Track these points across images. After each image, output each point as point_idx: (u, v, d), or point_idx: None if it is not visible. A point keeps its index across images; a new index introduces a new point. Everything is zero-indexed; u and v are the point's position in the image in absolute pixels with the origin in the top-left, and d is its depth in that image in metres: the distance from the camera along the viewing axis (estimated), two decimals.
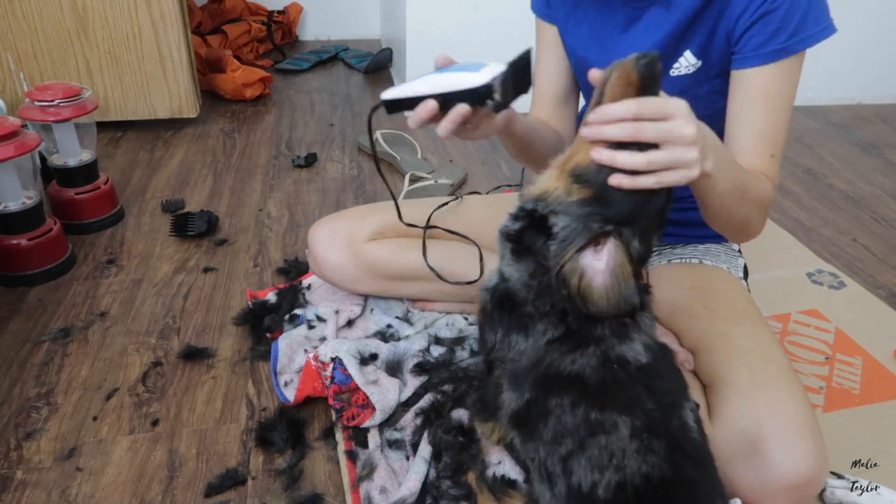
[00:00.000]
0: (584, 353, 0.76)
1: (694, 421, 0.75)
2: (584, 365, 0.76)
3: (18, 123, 1.33)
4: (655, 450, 0.70)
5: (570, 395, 0.75)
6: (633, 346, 0.77)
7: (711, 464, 0.75)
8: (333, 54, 2.97)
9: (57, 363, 1.18)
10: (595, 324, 0.77)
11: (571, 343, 0.77)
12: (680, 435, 0.73)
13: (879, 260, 1.63)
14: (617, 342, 0.77)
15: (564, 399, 0.75)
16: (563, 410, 0.75)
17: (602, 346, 0.76)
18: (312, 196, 1.80)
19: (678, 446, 0.72)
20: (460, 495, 0.93)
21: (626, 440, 0.71)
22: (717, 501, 0.73)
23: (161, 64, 2.02)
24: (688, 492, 0.71)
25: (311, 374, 1.09)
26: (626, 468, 0.70)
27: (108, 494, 0.95)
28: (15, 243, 1.36)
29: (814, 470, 0.83)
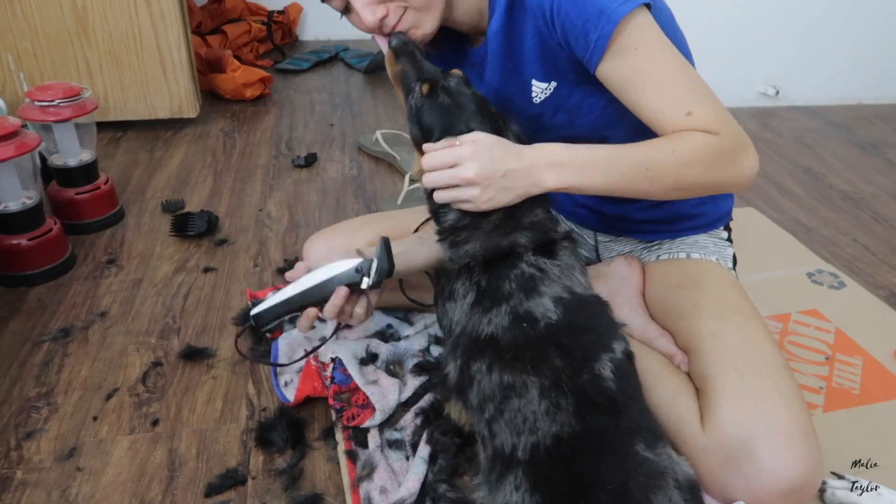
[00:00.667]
0: (498, 313, 0.81)
1: (612, 371, 0.78)
2: (497, 325, 0.80)
3: (18, 123, 1.33)
4: (563, 407, 0.74)
5: (487, 358, 0.79)
6: (542, 301, 0.81)
7: (632, 409, 0.77)
8: (333, 54, 2.97)
9: (57, 363, 1.18)
10: (502, 280, 0.83)
11: (486, 303, 0.82)
12: (590, 388, 0.76)
13: (879, 260, 1.63)
14: (524, 297, 0.81)
15: (482, 363, 0.80)
16: (483, 374, 0.79)
17: (511, 302, 0.81)
18: (312, 196, 1.80)
19: (587, 399, 0.75)
20: (457, 498, 0.93)
21: (536, 401, 0.75)
22: (637, 442, 0.74)
23: (161, 64, 2.02)
24: (598, 441, 0.74)
25: (311, 374, 1.09)
26: (539, 430, 0.74)
27: (108, 494, 0.95)
28: (15, 243, 1.36)
29: (806, 475, 0.82)
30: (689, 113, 0.85)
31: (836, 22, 2.48)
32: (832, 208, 1.87)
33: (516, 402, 0.76)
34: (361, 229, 1.22)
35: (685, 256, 1.11)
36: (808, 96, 2.62)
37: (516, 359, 0.78)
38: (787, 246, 1.66)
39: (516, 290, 0.82)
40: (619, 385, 0.78)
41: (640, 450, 0.74)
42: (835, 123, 2.49)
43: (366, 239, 1.21)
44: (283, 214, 1.70)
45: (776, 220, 1.78)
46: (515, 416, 0.76)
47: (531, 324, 0.79)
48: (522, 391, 0.76)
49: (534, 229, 0.87)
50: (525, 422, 0.75)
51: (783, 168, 2.11)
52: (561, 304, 0.81)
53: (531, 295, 0.81)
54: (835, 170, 2.11)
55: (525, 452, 0.74)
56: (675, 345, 1.02)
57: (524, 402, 0.76)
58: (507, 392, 0.77)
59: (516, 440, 0.75)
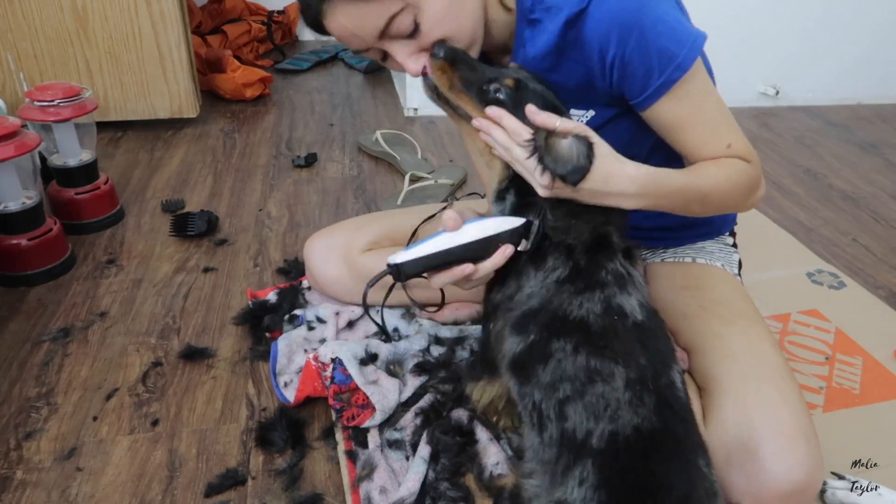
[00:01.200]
0: (591, 298, 0.79)
1: (681, 382, 0.78)
2: (590, 310, 0.79)
3: (18, 123, 1.33)
4: (646, 402, 0.73)
5: (574, 339, 0.78)
6: (630, 300, 0.80)
7: (695, 425, 0.77)
8: (333, 54, 2.97)
9: (57, 363, 1.18)
10: (599, 267, 0.81)
11: (580, 284, 0.81)
12: (668, 392, 0.76)
13: (879, 260, 1.63)
14: (618, 291, 0.80)
15: (567, 343, 0.78)
16: (565, 354, 0.77)
17: (605, 291, 0.80)
18: (312, 196, 1.80)
19: (666, 402, 0.75)
20: (458, 497, 0.93)
21: (621, 391, 0.74)
22: (700, 457, 0.74)
23: (161, 64, 2.02)
24: (673, 444, 0.73)
25: (312, 374, 1.09)
26: (620, 418, 0.73)
27: (108, 494, 0.95)
28: (15, 243, 1.36)
29: (808, 476, 0.82)
30: (729, 145, 0.90)
31: (836, 22, 2.49)
32: (832, 208, 1.87)
33: (601, 387, 0.74)
34: (362, 228, 1.23)
35: (690, 260, 1.11)
36: (808, 96, 2.63)
37: (607, 347, 0.77)
38: (787, 246, 1.66)
39: (612, 281, 0.81)
40: (686, 398, 0.78)
41: (702, 465, 0.74)
42: (835, 123, 2.49)
43: (367, 239, 1.21)
44: (283, 214, 1.70)
45: (776, 220, 1.78)
46: (598, 400, 0.74)
47: (622, 318, 0.79)
48: (609, 378, 0.75)
49: (619, 229, 0.85)
50: (607, 408, 0.73)
51: (783, 168, 2.11)
52: (644, 308, 0.81)
53: (623, 290, 0.81)
54: (835, 170, 2.11)
55: (601, 440, 0.72)
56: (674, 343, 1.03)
57: (609, 388, 0.74)
58: (593, 376, 0.75)
59: (593, 425, 0.73)
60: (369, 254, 1.21)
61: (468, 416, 1.05)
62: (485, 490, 0.95)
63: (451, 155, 2.08)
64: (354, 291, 1.22)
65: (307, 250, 1.25)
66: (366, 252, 1.22)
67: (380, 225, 1.23)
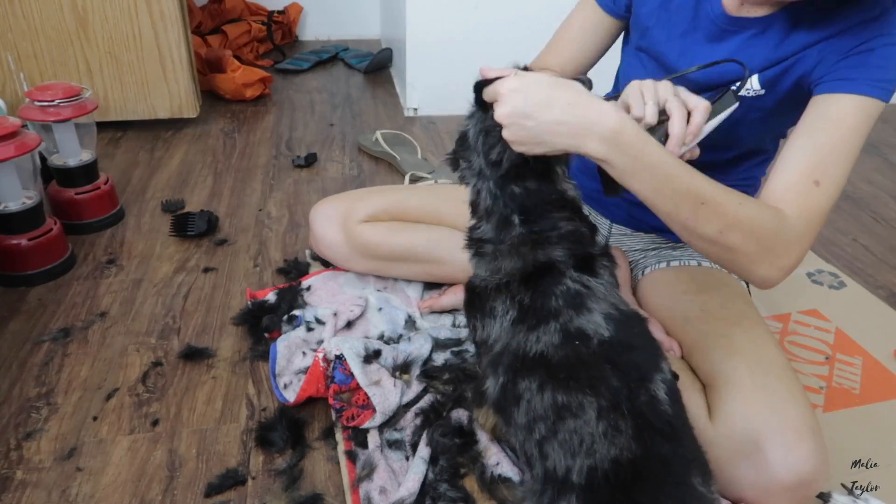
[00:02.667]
0: (546, 330, 0.76)
1: (666, 392, 0.74)
2: (547, 343, 0.76)
3: (18, 123, 1.33)
4: (622, 430, 0.70)
5: (537, 377, 0.76)
6: (592, 317, 0.77)
7: (687, 437, 0.74)
8: (333, 54, 2.97)
9: (57, 363, 1.18)
10: (547, 296, 0.78)
11: (532, 320, 0.78)
12: (649, 411, 0.72)
13: (879, 260, 1.63)
14: (574, 314, 0.77)
15: (532, 382, 0.76)
16: (532, 394, 0.75)
17: (560, 319, 0.76)
18: (312, 196, 1.80)
19: (646, 423, 0.71)
20: (458, 497, 0.93)
21: (594, 422, 0.71)
22: (695, 475, 0.71)
23: (161, 64, 2.02)
24: (659, 468, 0.70)
25: (318, 374, 1.08)
26: (596, 452, 0.70)
27: (108, 494, 0.95)
28: (15, 243, 1.36)
29: (815, 470, 0.83)
30: (818, 182, 0.82)
31: None
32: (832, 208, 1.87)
33: (572, 423, 0.72)
34: (364, 199, 1.29)
35: (696, 264, 1.11)
36: None
37: (571, 378, 0.74)
38: None
39: (564, 306, 0.78)
40: (674, 409, 0.74)
41: (697, 484, 0.71)
42: None
43: (367, 210, 1.25)
44: (283, 214, 1.70)
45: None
46: (571, 436, 0.72)
47: (584, 341, 0.75)
48: (579, 411, 0.72)
49: (568, 242, 0.81)
50: (581, 443, 0.71)
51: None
52: (611, 320, 0.77)
53: (581, 311, 0.77)
54: None
55: (581, 476, 0.71)
56: (664, 332, 1.03)
57: (580, 422, 0.72)
58: (562, 412, 0.73)
59: (571, 462, 0.71)
60: (366, 225, 1.25)
61: (468, 416, 1.05)
62: (486, 491, 0.95)
63: None
64: (349, 257, 1.29)
65: (313, 214, 1.31)
66: (363, 223, 1.26)
67: (383, 198, 1.28)
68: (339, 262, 1.32)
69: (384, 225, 1.26)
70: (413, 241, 1.25)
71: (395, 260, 1.28)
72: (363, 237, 1.25)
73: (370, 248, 1.26)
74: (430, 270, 1.29)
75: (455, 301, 1.30)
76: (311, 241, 1.34)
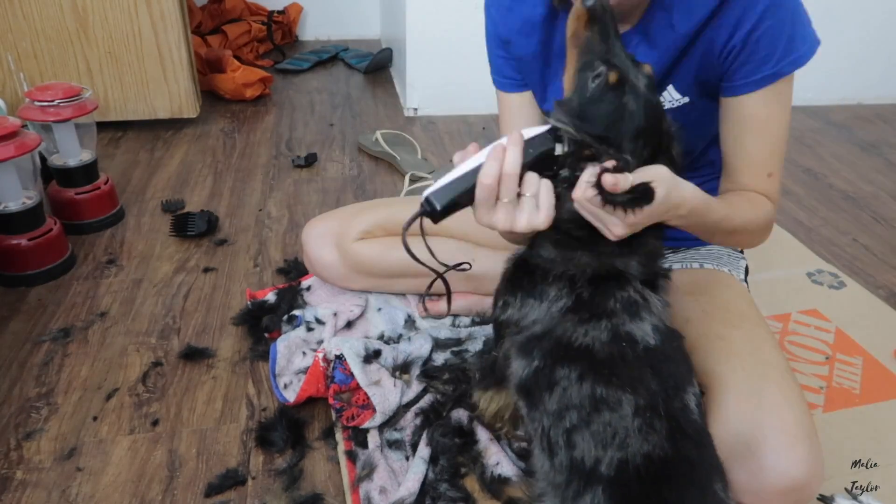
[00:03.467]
0: (596, 326, 0.78)
1: (695, 405, 0.77)
2: (595, 338, 0.78)
3: (18, 123, 1.33)
4: (657, 429, 0.72)
5: (578, 367, 0.77)
6: (643, 325, 0.79)
7: (711, 447, 0.77)
8: (333, 54, 2.97)
9: (57, 363, 1.18)
10: (607, 297, 0.79)
11: (584, 313, 0.79)
12: (681, 416, 0.75)
13: (879, 260, 1.63)
14: (628, 319, 0.79)
15: (572, 371, 0.77)
16: (570, 382, 0.77)
17: (613, 320, 0.78)
18: (312, 196, 1.80)
19: (679, 427, 0.73)
20: (458, 497, 0.93)
21: (630, 418, 0.73)
22: (717, 481, 0.74)
23: (161, 64, 2.02)
24: (687, 470, 0.72)
25: (318, 374, 1.08)
26: (629, 446, 0.72)
27: (108, 494, 0.95)
28: (15, 243, 1.36)
29: (809, 474, 0.82)
30: (770, 175, 0.92)
31: (835, 21, 2.48)
32: (832, 208, 1.87)
33: (608, 416, 0.73)
34: (357, 216, 1.26)
35: (698, 266, 1.11)
36: (809, 96, 2.62)
37: (613, 374, 0.76)
38: (787, 246, 1.66)
39: (620, 310, 0.79)
40: (702, 420, 0.77)
41: (719, 489, 0.73)
42: (835, 123, 2.49)
43: (360, 227, 1.23)
44: (283, 214, 1.70)
45: (776, 220, 1.78)
46: (605, 428, 0.73)
47: (631, 344, 0.78)
48: (616, 406, 0.74)
49: (645, 258, 0.83)
50: (615, 436, 0.73)
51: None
52: (659, 332, 0.80)
53: (634, 318, 0.79)
54: (835, 170, 2.11)
55: (610, 468, 0.72)
56: None
57: (616, 416, 0.73)
58: (599, 405, 0.74)
59: (601, 453, 0.73)
60: (361, 242, 1.23)
61: (468, 416, 1.05)
62: (486, 490, 0.95)
63: (451, 155, 2.08)
64: (346, 276, 1.26)
65: (304, 234, 1.28)
66: (358, 241, 1.24)
67: (376, 214, 1.26)
68: (336, 282, 1.29)
69: (379, 241, 1.24)
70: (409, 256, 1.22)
71: (392, 276, 1.26)
72: (359, 256, 1.23)
73: (367, 266, 1.24)
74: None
75: (454, 307, 1.29)
76: (306, 262, 1.31)
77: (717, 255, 1.13)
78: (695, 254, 1.14)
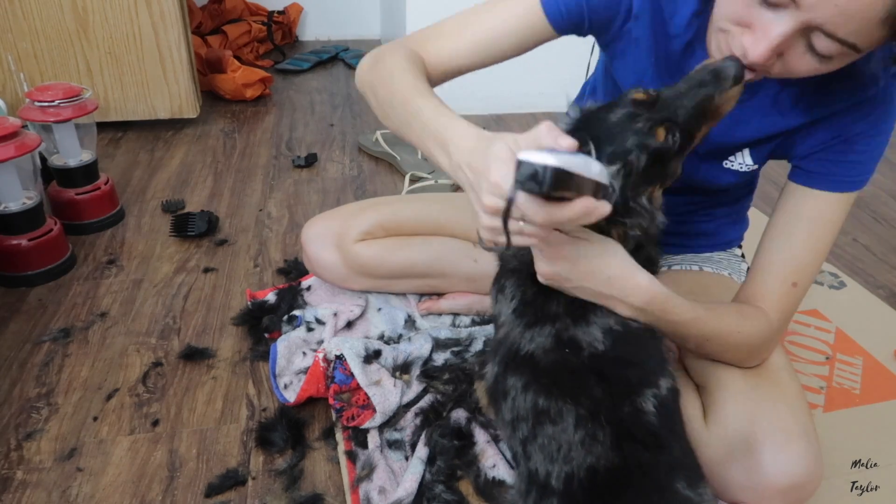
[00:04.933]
0: (541, 332, 0.77)
1: (654, 405, 0.74)
2: (539, 345, 0.76)
3: (19, 124, 1.33)
4: (600, 439, 0.71)
5: (524, 376, 0.76)
6: (590, 330, 0.77)
7: (672, 446, 0.74)
8: (333, 54, 2.97)
9: (57, 363, 1.18)
10: (550, 297, 0.78)
11: (531, 317, 0.78)
12: (630, 421, 0.73)
13: (879, 260, 1.63)
14: (571, 323, 0.77)
15: (518, 380, 0.76)
16: (517, 392, 0.76)
17: (556, 325, 0.77)
18: (313, 196, 1.80)
19: (626, 433, 0.72)
20: (453, 500, 0.93)
21: (571, 430, 0.72)
22: (678, 480, 0.72)
23: (161, 64, 2.02)
24: (640, 476, 0.71)
25: (319, 374, 1.08)
26: (574, 460, 0.71)
27: (109, 495, 0.95)
28: (15, 244, 1.36)
29: (807, 472, 0.82)
30: (795, 284, 0.89)
31: None
32: None
33: (550, 429, 0.73)
34: (358, 216, 1.24)
35: (697, 269, 1.11)
36: None
37: (554, 384, 0.74)
38: None
39: (564, 313, 0.78)
40: (662, 421, 0.74)
41: (681, 488, 0.71)
42: None
43: (361, 228, 1.22)
44: (284, 214, 1.70)
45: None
46: (549, 442, 0.73)
47: (574, 351, 0.76)
48: (557, 418, 0.73)
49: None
50: (559, 450, 0.72)
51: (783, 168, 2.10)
52: (611, 335, 0.77)
53: (579, 322, 0.77)
54: None
55: (559, 482, 0.71)
56: None
57: (558, 429, 0.72)
58: (541, 417, 0.74)
59: (550, 467, 0.72)
60: (363, 244, 1.22)
61: (467, 417, 1.05)
62: (480, 494, 0.95)
63: None
64: (347, 277, 1.25)
65: (304, 234, 1.26)
66: (359, 242, 1.22)
67: (377, 213, 1.23)
68: (336, 282, 1.27)
69: (381, 243, 1.22)
70: (412, 257, 1.22)
71: (395, 277, 1.25)
72: (361, 258, 1.21)
73: (369, 268, 1.23)
74: (432, 284, 1.26)
75: (453, 305, 1.29)
76: (306, 262, 1.29)
77: (717, 260, 1.13)
78: (693, 257, 1.14)
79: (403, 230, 1.22)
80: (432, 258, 1.22)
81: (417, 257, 1.22)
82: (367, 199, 1.33)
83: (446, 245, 1.22)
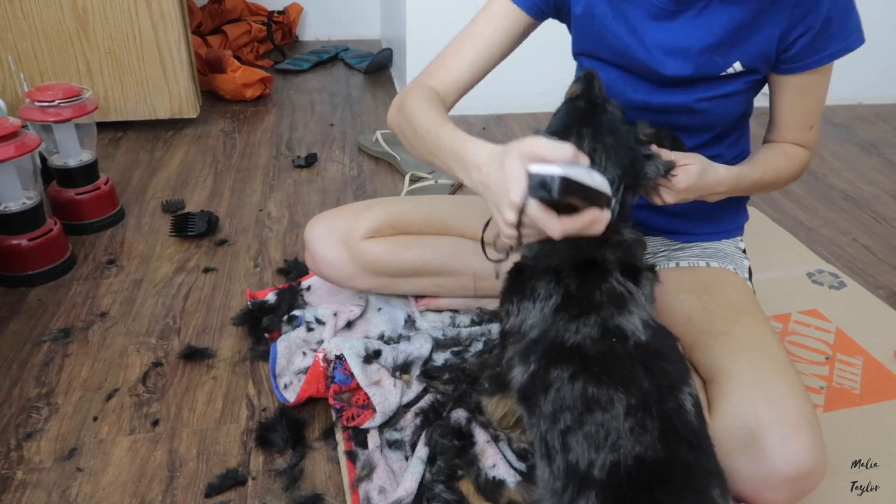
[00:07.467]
0: (587, 323, 0.78)
1: (692, 405, 0.75)
2: (586, 335, 0.78)
3: (19, 124, 1.33)
4: (649, 430, 0.71)
5: (570, 367, 0.76)
6: (632, 319, 0.79)
7: (709, 449, 0.75)
8: (333, 54, 2.97)
9: (57, 363, 1.18)
10: (593, 289, 0.80)
11: (574, 310, 0.80)
12: (675, 417, 0.73)
13: (879, 260, 1.63)
14: (615, 311, 0.79)
15: (564, 371, 0.76)
16: (563, 382, 0.76)
17: (601, 313, 0.78)
18: (313, 196, 1.80)
19: (673, 428, 0.71)
20: (452, 500, 0.93)
21: (621, 418, 0.71)
22: (714, 487, 0.71)
23: (161, 64, 2.02)
24: (683, 473, 0.70)
25: (319, 374, 1.08)
26: (621, 448, 0.70)
27: (109, 495, 0.95)
28: (15, 244, 1.36)
29: (812, 462, 0.84)
30: (811, 127, 1.04)
31: None
32: (832, 208, 1.87)
33: (600, 416, 0.72)
34: (364, 213, 1.21)
35: (704, 265, 1.11)
36: None
37: (604, 372, 0.74)
38: (788, 246, 1.66)
39: (607, 302, 0.79)
40: (699, 422, 0.75)
41: (716, 496, 0.71)
42: (835, 123, 2.49)
43: (368, 225, 1.20)
44: (284, 214, 1.70)
45: (776, 220, 1.78)
46: (597, 429, 0.72)
47: (621, 340, 0.77)
48: (608, 406, 0.72)
49: (622, 248, 0.84)
50: (607, 437, 0.71)
51: None
52: (648, 327, 0.79)
53: (622, 311, 0.79)
54: (835, 170, 2.11)
55: (603, 471, 0.70)
56: None
57: (608, 416, 0.72)
58: (591, 404, 0.73)
59: (594, 456, 0.71)
60: (371, 241, 1.19)
61: (467, 417, 1.05)
62: (480, 493, 0.95)
63: None
64: (353, 276, 1.21)
65: (308, 232, 1.22)
66: (367, 239, 1.19)
67: (384, 211, 1.21)
68: (342, 281, 1.23)
69: (390, 240, 1.19)
70: (423, 255, 1.20)
71: (403, 275, 1.22)
72: (370, 255, 1.18)
73: (378, 265, 1.19)
74: (441, 283, 1.24)
75: (452, 302, 1.29)
76: (308, 261, 1.25)
77: (725, 253, 1.13)
78: (700, 251, 1.14)
79: (411, 229, 1.21)
80: (445, 256, 1.20)
81: (429, 255, 1.21)
82: (369, 200, 1.32)
83: (458, 244, 1.21)
